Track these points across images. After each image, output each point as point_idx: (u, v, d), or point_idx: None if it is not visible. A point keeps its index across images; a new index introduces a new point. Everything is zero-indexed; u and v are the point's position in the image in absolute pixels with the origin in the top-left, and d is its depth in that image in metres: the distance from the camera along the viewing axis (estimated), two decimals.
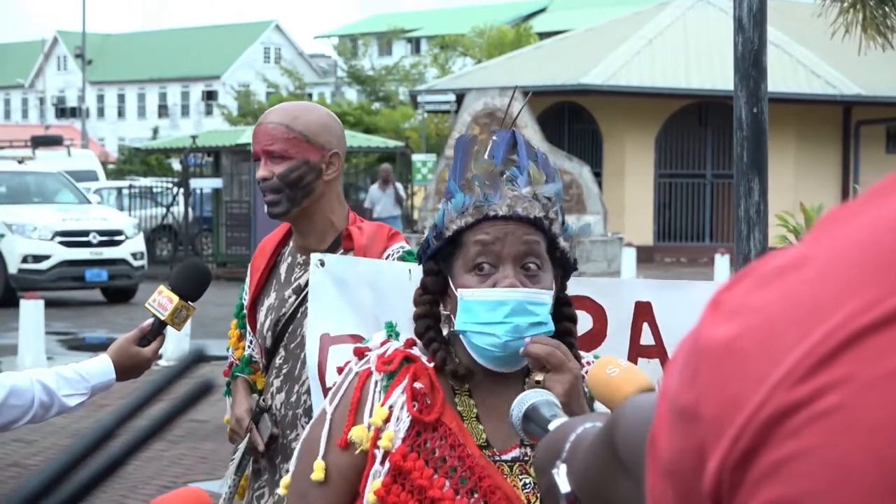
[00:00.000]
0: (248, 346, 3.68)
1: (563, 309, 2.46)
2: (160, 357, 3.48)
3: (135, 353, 3.37)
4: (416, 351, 2.40)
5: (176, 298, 3.38)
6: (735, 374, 0.89)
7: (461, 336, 2.36)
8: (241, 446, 3.60)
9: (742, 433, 0.87)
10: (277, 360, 3.54)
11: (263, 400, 3.56)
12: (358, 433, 2.32)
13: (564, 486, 1.40)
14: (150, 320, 3.40)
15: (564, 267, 2.45)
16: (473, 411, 2.38)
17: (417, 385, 2.34)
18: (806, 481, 0.84)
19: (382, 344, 2.42)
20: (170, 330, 3.43)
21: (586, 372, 2.45)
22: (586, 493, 1.35)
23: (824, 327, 0.86)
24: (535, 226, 2.36)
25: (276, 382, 3.54)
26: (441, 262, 2.40)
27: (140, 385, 1.22)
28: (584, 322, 2.99)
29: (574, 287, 3.03)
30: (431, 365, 2.37)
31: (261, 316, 3.59)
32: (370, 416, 2.33)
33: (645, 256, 27.48)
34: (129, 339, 3.38)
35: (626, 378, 2.07)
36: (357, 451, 2.32)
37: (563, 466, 1.42)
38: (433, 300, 2.40)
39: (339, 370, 2.47)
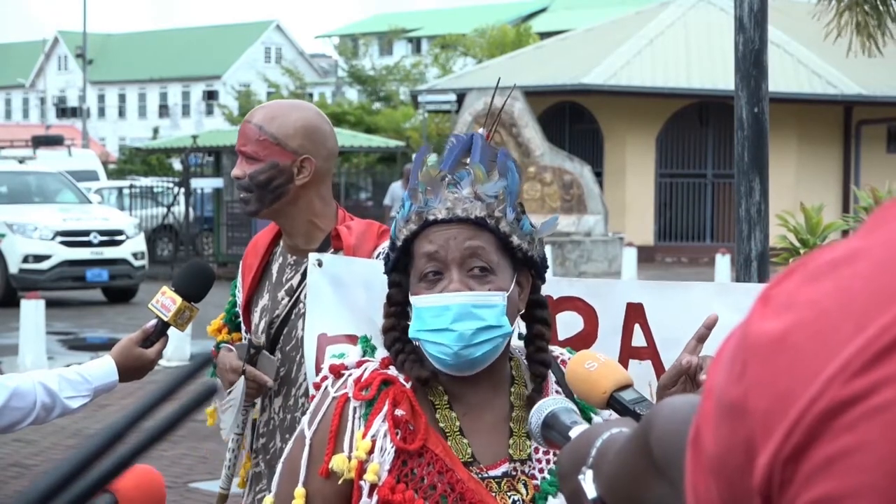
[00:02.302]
0: None
1: (536, 311, 2.42)
2: (161, 358, 3.47)
3: (138, 355, 3.37)
4: (392, 371, 2.37)
5: (179, 299, 3.38)
6: (787, 367, 0.88)
7: (419, 343, 2.34)
8: (238, 395, 3.43)
9: (795, 427, 0.87)
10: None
11: (255, 339, 3.47)
12: (339, 463, 2.28)
13: (591, 491, 1.41)
14: (153, 321, 3.40)
15: (532, 266, 2.39)
16: (456, 424, 2.34)
17: (399, 412, 2.30)
18: (861, 475, 0.84)
19: (359, 364, 2.39)
20: (172, 331, 3.42)
21: (561, 361, 2.44)
22: (616, 497, 1.34)
23: (880, 321, 0.86)
24: (479, 226, 2.31)
25: (274, 386, 3.52)
26: (401, 272, 2.38)
27: (143, 387, 1.23)
28: (575, 323, 2.97)
29: (565, 288, 3.02)
30: (409, 385, 2.34)
31: (255, 317, 3.56)
32: (350, 445, 2.29)
33: (646, 256, 27.47)
34: (132, 340, 3.38)
35: (604, 373, 2.06)
36: (340, 481, 2.28)
37: (589, 472, 1.42)
38: (399, 311, 2.38)
39: (316, 386, 2.43)
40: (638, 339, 2.96)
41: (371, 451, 2.28)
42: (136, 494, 1.94)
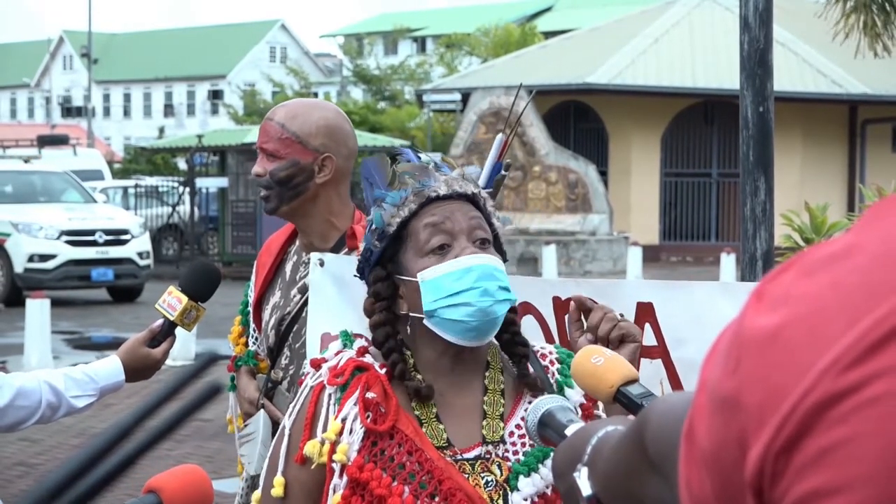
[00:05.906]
0: (253, 343, 3.67)
1: None
2: (168, 358, 3.48)
3: (144, 354, 3.37)
4: (368, 359, 2.40)
5: (185, 299, 3.38)
6: (780, 362, 0.89)
7: (429, 322, 2.34)
8: (258, 428, 3.50)
9: (787, 420, 0.87)
10: (283, 361, 3.53)
11: (274, 374, 3.52)
12: (311, 448, 2.33)
13: (586, 488, 1.41)
14: (160, 321, 3.40)
15: (501, 256, 2.45)
16: (433, 411, 2.37)
17: (370, 395, 2.33)
18: (853, 467, 0.84)
19: (337, 354, 2.42)
20: (178, 330, 3.42)
21: (540, 355, 2.50)
22: (611, 494, 1.35)
23: (874, 315, 0.86)
24: (472, 203, 2.40)
25: (283, 383, 3.53)
26: (387, 264, 2.40)
27: (148, 386, 1.24)
28: None
29: (574, 288, 3.04)
30: (384, 371, 2.37)
31: (265, 314, 3.58)
32: (324, 429, 2.34)
33: (651, 255, 27.46)
34: (139, 340, 3.38)
35: (610, 367, 2.07)
36: (314, 466, 2.33)
37: (584, 469, 1.42)
38: (388, 306, 2.40)
39: (300, 382, 2.47)
40: (648, 339, 2.97)
41: (341, 433, 2.32)
42: (181, 496, 1.93)
